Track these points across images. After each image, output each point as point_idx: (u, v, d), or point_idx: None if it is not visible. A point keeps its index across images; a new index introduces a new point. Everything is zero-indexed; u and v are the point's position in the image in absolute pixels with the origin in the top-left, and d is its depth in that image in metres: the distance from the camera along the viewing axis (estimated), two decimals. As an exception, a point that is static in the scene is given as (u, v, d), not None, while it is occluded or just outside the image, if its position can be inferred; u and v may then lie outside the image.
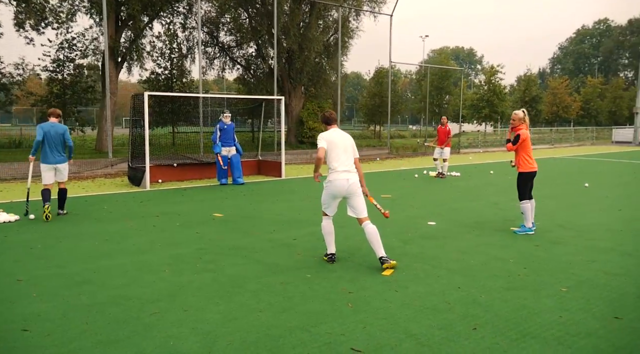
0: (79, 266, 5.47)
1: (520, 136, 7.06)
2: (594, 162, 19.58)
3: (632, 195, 10.81)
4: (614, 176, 14.41)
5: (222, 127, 12.14)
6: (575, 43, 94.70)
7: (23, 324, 3.96)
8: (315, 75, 31.10)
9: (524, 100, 45.93)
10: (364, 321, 4.03)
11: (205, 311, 4.23)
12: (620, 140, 34.23)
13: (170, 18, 26.57)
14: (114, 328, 3.88)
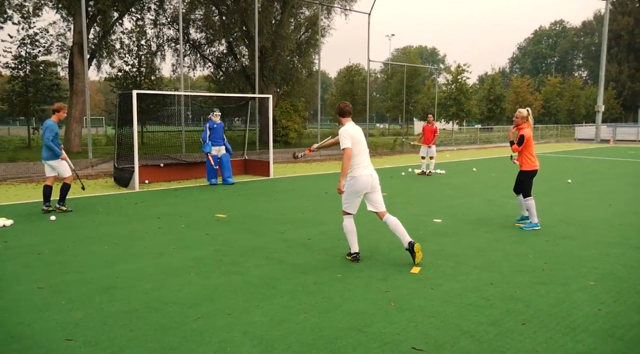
0: (99, 271, 5.27)
1: (524, 136, 7.21)
2: (565, 159, 20.24)
3: (614, 190, 11.23)
4: (590, 173, 14.93)
5: (212, 126, 11.95)
6: (533, 43, 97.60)
7: (64, 333, 3.79)
8: (288, 74, 30.99)
9: (488, 98, 46.97)
10: (413, 319, 4.04)
11: (249, 314, 4.15)
12: (583, 137, 35.53)
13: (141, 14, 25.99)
14: (163, 335, 3.76)
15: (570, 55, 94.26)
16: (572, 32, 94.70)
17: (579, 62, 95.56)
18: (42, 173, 13.61)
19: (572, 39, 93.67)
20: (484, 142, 32.93)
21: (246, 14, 27.86)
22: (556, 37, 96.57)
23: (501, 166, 16.66)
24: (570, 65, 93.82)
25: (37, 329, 3.87)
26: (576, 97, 56.68)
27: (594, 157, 21.45)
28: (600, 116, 33.64)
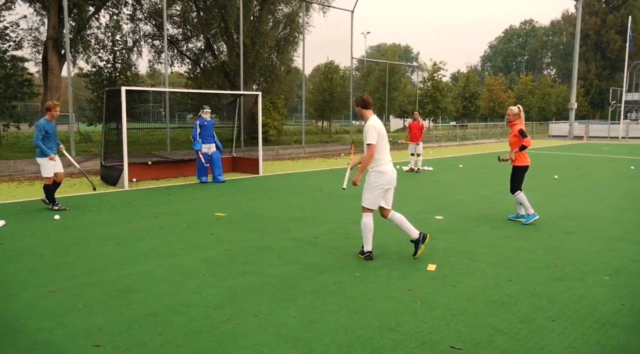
0: (109, 274, 5.11)
1: (523, 130, 7.32)
2: (545, 156, 20.65)
3: (599, 186, 11.49)
4: (572, 169, 15.25)
5: (202, 123, 11.74)
6: (504, 42, 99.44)
7: (89, 339, 3.65)
8: (267, 71, 30.79)
9: (464, 96, 47.65)
10: (443, 318, 4.03)
11: (277, 315, 4.08)
12: (556, 134, 36.34)
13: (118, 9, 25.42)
14: (194, 339, 3.66)
15: (540, 54, 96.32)
16: (541, 32, 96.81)
17: (547, 61, 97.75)
18: (22, 172, 13.22)
19: (541, 38, 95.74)
20: (462, 139, 33.34)
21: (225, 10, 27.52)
22: (526, 36, 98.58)
23: (485, 163, 16.90)
24: (540, 63, 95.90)
25: (60, 335, 3.71)
26: (547, 95, 58.00)
27: (572, 153, 21.95)
28: (574, 113, 34.45)
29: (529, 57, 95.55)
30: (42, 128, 8.19)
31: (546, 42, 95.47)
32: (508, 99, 52.89)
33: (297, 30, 31.43)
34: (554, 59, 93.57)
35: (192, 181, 12.05)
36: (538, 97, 57.33)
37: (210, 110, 12.10)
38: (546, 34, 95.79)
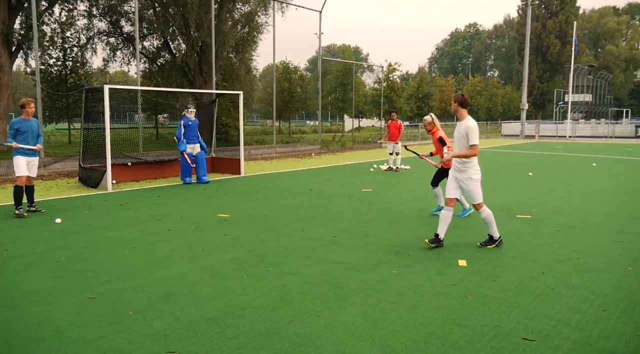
0: (143, 278, 4.92)
1: (442, 138, 7.54)
2: (507, 154, 21.45)
3: (573, 182, 12.05)
4: (540, 166, 15.92)
5: (187, 123, 11.44)
6: (450, 44, 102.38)
7: (160, 346, 3.51)
8: (227, 70, 30.41)
9: (417, 96, 48.74)
10: (500, 311, 4.14)
11: (338, 314, 4.06)
12: (508, 133, 37.83)
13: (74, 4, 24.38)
14: (268, 341, 3.59)
15: (484, 56, 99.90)
16: (484, 35, 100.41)
17: (491, 63, 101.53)
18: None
19: (485, 41, 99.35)
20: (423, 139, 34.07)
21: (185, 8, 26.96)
22: (471, 39, 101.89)
23: (455, 162, 17.36)
24: (484, 65, 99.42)
25: (125, 342, 3.55)
26: (494, 96, 60.18)
27: (530, 151, 22.91)
28: (525, 114, 35.96)
29: (474, 59, 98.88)
30: (12, 126, 7.87)
31: (490, 45, 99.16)
32: (459, 100, 54.49)
33: (256, 29, 31.17)
34: (497, 61, 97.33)
35: (174, 182, 11.73)
36: (486, 98, 59.40)
37: (195, 110, 11.83)
38: (489, 37, 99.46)
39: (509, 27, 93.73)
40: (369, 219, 7.74)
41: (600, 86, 59.53)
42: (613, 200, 9.42)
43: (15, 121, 7.90)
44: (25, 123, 7.89)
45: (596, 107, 56.52)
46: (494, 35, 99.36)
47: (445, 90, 53.88)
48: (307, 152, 21.29)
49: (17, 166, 7.92)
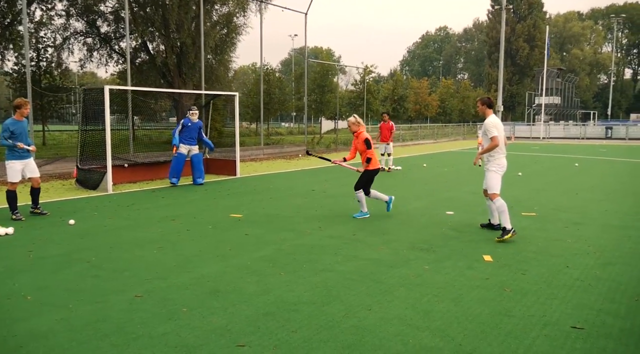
0: (182, 277, 4.96)
1: (369, 139, 7.71)
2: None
3: (561, 181, 12.50)
4: (524, 166, 16.39)
5: (187, 123, 11.32)
6: (421, 47, 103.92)
7: (227, 340, 3.58)
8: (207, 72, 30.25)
9: (393, 98, 49.29)
10: (540, 302, 4.33)
11: (389, 307, 4.19)
12: (484, 135, 38.66)
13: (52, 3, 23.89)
14: (333, 333, 3.70)
15: (454, 59, 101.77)
16: (455, 38, 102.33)
17: (460, 66, 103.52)
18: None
19: (455, 44, 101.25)
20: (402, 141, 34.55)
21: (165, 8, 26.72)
22: (441, 42, 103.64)
23: (443, 162, 17.74)
24: (454, 68, 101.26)
25: (191, 337, 3.61)
26: (466, 98, 61.37)
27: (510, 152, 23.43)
28: (500, 116, 36.82)
29: (445, 62, 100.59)
30: (6, 128, 7.46)
31: (460, 48, 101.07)
32: (432, 102, 55.38)
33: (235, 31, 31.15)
34: (467, 64, 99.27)
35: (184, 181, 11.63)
36: (458, 100, 60.52)
37: (198, 111, 11.77)
38: (459, 40, 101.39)
39: (479, 31, 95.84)
40: (382, 218, 7.91)
41: (568, 89, 61.41)
42: (605, 198, 9.83)
43: (9, 122, 7.51)
44: (19, 124, 7.58)
45: (564, 110, 58.28)
46: (463, 38, 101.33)
47: (419, 92, 54.63)
48: (294, 154, 21.37)
49: (12, 170, 7.58)
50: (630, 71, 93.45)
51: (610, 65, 78.98)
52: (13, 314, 4.02)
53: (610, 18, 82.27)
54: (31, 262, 5.40)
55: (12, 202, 7.64)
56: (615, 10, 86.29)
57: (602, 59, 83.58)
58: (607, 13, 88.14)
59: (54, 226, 7.19)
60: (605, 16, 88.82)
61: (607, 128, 35.26)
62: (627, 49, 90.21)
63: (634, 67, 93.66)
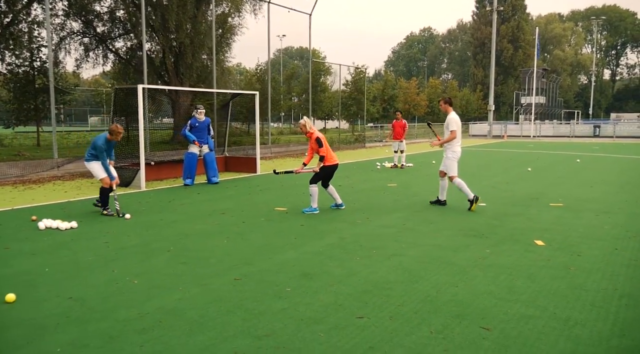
0: (265, 263, 5.29)
1: (319, 138, 7.98)
2: (490, 152, 22.57)
3: (571, 175, 13.00)
4: (528, 162, 16.94)
5: (194, 123, 11.36)
6: (405, 48, 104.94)
7: (346, 313, 3.92)
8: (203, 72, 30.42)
9: (382, 98, 49.91)
10: (609, 278, 4.76)
11: (474, 285, 4.57)
12: (476, 133, 39.52)
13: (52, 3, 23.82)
14: (438, 306, 4.07)
15: (438, 59, 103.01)
16: (439, 39, 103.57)
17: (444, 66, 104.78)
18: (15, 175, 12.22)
19: (439, 44, 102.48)
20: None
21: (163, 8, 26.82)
22: (425, 43, 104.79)
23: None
24: (439, 69, 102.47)
25: (311, 311, 3.94)
26: (453, 97, 62.35)
27: (508, 149, 24.17)
28: (492, 115, 37.69)
29: (429, 62, 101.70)
30: (103, 147, 7.76)
31: (444, 49, 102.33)
32: (421, 101, 56.13)
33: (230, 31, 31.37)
34: (451, 65, 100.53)
35: (199, 180, 11.89)
36: (446, 100, 61.48)
37: (205, 110, 11.94)
38: (444, 41, 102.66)
39: (462, 32, 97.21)
40: (421, 209, 8.31)
41: (552, 89, 62.75)
42: (620, 190, 10.37)
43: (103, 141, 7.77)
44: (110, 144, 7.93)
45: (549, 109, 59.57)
46: (447, 39, 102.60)
47: (408, 92, 55.33)
48: (301, 152, 21.70)
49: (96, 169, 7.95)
50: (608, 72, 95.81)
51: (590, 66, 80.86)
52: (133, 296, 4.30)
53: (589, 20, 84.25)
54: (115, 253, 5.66)
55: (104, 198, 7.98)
56: (594, 12, 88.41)
57: (583, 60, 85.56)
58: (587, 15, 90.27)
59: (113, 220, 7.43)
60: (584, 18, 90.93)
61: (595, 127, 36.31)
62: (605, 50, 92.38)
63: (612, 68, 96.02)
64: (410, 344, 3.41)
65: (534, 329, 3.66)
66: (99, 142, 7.64)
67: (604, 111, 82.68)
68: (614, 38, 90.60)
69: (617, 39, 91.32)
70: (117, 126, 7.71)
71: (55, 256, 5.54)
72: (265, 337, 3.51)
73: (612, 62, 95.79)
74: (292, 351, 3.32)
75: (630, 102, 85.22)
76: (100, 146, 7.61)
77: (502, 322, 3.77)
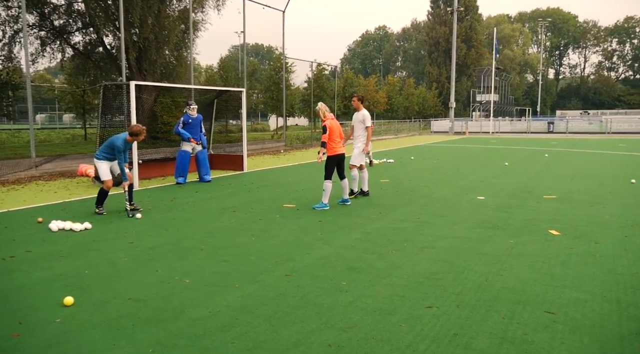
0: (306, 258, 5.35)
1: (326, 127, 8.02)
2: (460, 148, 23.23)
3: (548, 169, 13.62)
4: (501, 157, 17.60)
5: (187, 120, 11.18)
6: (361, 46, 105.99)
7: (412, 303, 4.05)
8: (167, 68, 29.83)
9: (343, 95, 50.30)
10: (636, 263, 5.10)
11: (519, 274, 4.79)
12: (438, 130, 40.50)
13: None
14: (493, 294, 4.26)
15: (393, 57, 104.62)
16: (393, 37, 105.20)
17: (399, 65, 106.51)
18: None
19: (394, 43, 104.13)
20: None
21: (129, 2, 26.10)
22: (380, 41, 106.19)
23: (425, 155, 18.68)
24: (394, 67, 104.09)
25: (378, 302, 4.05)
26: (410, 95, 63.65)
27: (475, 145, 24.94)
28: (453, 112, 38.71)
29: (385, 60, 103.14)
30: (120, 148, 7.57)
31: (398, 47, 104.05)
32: (380, 99, 56.96)
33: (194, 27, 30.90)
34: (406, 63, 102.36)
35: (190, 178, 11.71)
36: (403, 97, 62.62)
37: (196, 106, 11.78)
38: (398, 39, 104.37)
39: (416, 31, 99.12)
40: (426, 204, 8.53)
41: (504, 87, 64.99)
42: (599, 182, 10.95)
43: (122, 142, 7.54)
44: (127, 145, 7.71)
45: (502, 106, 61.66)
46: (402, 37, 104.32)
47: (368, 89, 56.02)
48: (276, 149, 21.65)
49: (103, 170, 7.77)
50: (553, 71, 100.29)
51: (537, 65, 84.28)
52: (193, 295, 4.28)
53: (536, 21, 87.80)
54: (147, 252, 5.57)
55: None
56: (540, 14, 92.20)
57: (530, 60, 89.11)
58: (533, 17, 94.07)
59: (125, 220, 7.27)
60: (531, 19, 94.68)
61: (549, 123, 37.99)
62: (550, 50, 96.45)
63: (556, 67, 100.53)
64: (491, 330, 3.57)
65: (593, 311, 3.90)
66: (117, 143, 7.43)
67: (550, 108, 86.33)
68: (558, 39, 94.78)
69: (560, 40, 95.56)
70: (139, 125, 7.54)
71: (86, 257, 5.39)
72: (350, 329, 3.59)
73: (556, 62, 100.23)
74: (382, 341, 3.41)
75: (573, 100, 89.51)
76: (119, 146, 7.42)
77: (562, 306, 4.00)
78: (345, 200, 8.46)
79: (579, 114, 66.27)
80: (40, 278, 4.74)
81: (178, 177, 11.10)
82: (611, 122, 35.48)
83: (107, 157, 7.71)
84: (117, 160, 7.58)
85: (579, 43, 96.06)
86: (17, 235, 6.37)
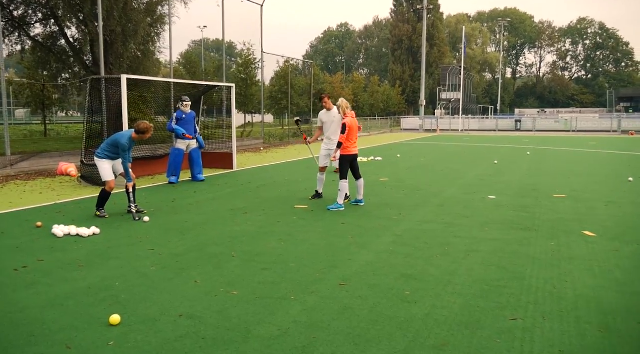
0: (351, 266, 5.00)
1: (344, 124, 7.70)
2: (438, 146, 23.29)
3: (539, 167, 13.72)
4: (489, 155, 17.68)
5: (180, 116, 10.67)
6: (323, 43, 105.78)
7: (497, 315, 3.77)
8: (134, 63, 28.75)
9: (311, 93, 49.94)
10: (685, 265, 5.01)
11: (577, 278, 4.59)
12: (408, 128, 40.71)
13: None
14: (558, 297, 4.03)
15: (356, 54, 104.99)
16: (355, 35, 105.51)
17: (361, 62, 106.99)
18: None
19: (356, 40, 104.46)
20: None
21: (94, -8, 24.90)
22: (343, 38, 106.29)
23: (409, 152, 18.58)
24: (356, 64, 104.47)
25: (455, 314, 3.75)
26: (375, 93, 63.89)
27: (452, 143, 25.11)
28: (423, 110, 38.98)
29: (347, 57, 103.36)
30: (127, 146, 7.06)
31: (361, 45, 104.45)
32: (347, 96, 56.91)
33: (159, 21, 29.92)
34: (368, 60, 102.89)
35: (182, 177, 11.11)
36: (368, 94, 62.80)
37: (190, 102, 11.22)
38: (360, 37, 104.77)
39: (378, 29, 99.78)
40: (441, 204, 8.30)
41: (467, 85, 66.10)
42: (596, 181, 11.03)
43: (128, 140, 7.03)
44: (133, 143, 7.15)
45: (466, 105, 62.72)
46: (364, 35, 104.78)
47: (335, 86, 55.86)
48: (256, 147, 21.12)
49: (105, 170, 7.25)
50: (510, 70, 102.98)
51: (495, 64, 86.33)
52: (250, 309, 3.86)
53: (494, 21, 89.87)
54: (175, 260, 5.09)
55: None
56: (498, 14, 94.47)
57: (490, 59, 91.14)
58: (491, 17, 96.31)
59: (133, 223, 6.74)
60: (489, 19, 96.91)
61: (516, 121, 38.81)
62: (507, 50, 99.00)
63: (513, 66, 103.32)
64: (597, 346, 3.32)
65: (685, 320, 3.72)
66: (122, 141, 6.86)
67: (508, 106, 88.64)
68: (515, 39, 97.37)
69: (517, 40, 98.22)
70: (146, 122, 6.97)
71: (108, 267, 4.86)
72: (444, 347, 3.27)
73: (513, 61, 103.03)
74: (487, 360, 3.11)
75: (529, 98, 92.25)
76: (124, 144, 6.85)
77: (651, 315, 3.81)
78: (359, 201, 8.14)
79: (537, 113, 68.25)
80: (67, 291, 4.20)
81: (171, 176, 10.55)
82: (577, 120, 36.57)
83: (110, 156, 7.13)
84: (122, 159, 7.01)
85: (535, 43, 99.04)
86: (19, 241, 5.74)
